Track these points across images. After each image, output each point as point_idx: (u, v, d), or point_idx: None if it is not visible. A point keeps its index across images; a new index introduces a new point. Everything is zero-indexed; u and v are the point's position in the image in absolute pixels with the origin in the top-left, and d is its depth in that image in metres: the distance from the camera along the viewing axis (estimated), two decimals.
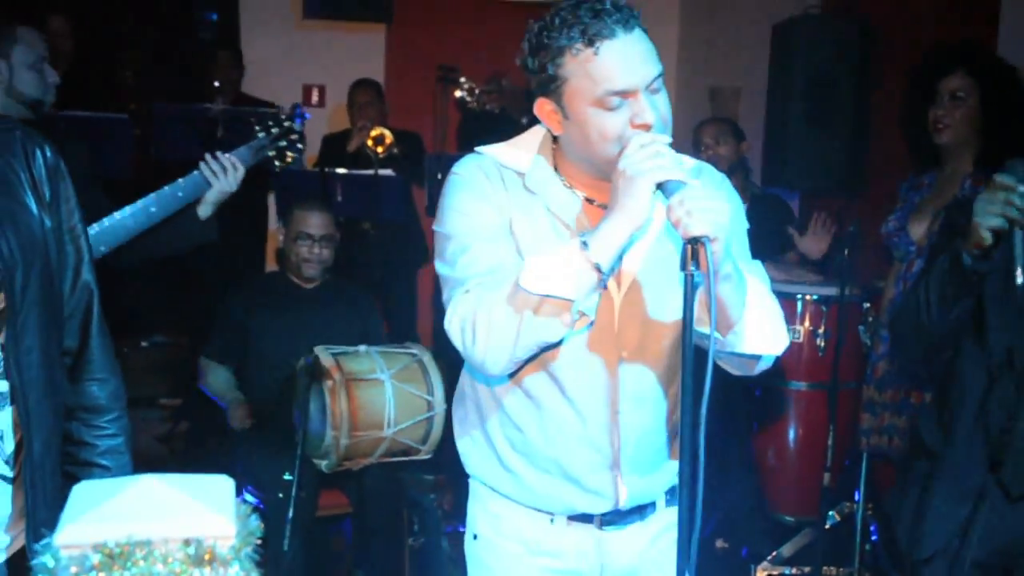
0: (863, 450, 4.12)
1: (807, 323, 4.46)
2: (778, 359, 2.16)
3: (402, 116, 6.52)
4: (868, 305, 4.42)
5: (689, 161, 2.14)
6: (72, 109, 4.59)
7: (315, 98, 7.47)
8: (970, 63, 3.73)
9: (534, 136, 2.16)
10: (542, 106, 2.05)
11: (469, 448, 2.29)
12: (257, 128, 3.62)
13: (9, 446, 1.81)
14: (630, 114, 1.94)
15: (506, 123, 5.65)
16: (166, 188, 3.28)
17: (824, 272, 4.80)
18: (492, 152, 2.15)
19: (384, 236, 5.90)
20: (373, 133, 5.79)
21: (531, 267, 1.92)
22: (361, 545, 4.19)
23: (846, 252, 4.22)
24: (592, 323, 2.00)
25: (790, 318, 4.47)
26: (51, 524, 1.81)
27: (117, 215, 3.17)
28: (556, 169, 2.12)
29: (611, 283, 2.08)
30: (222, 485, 1.18)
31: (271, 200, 6.30)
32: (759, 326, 2.01)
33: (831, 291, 4.40)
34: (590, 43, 1.93)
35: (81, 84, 3.59)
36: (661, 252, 2.10)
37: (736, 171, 4.98)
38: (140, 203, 3.21)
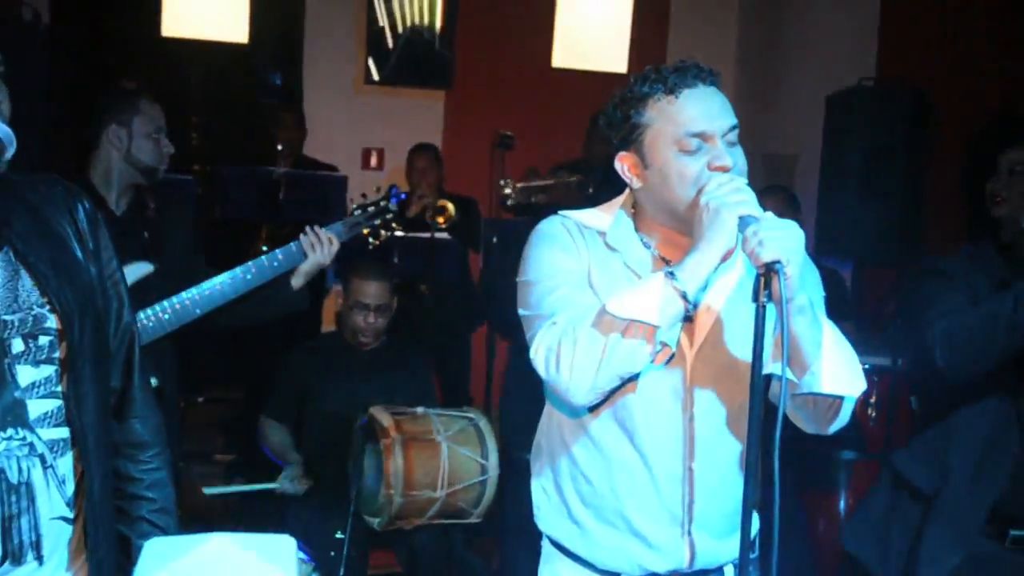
0: None
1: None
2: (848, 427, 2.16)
3: (459, 181, 6.61)
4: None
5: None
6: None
7: (374, 161, 7.59)
8: None
9: (615, 203, 2.24)
10: (622, 160, 2.14)
11: (542, 500, 2.32)
12: (354, 206, 3.71)
13: (70, 489, 1.90)
14: (708, 158, 2.03)
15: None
16: (263, 257, 3.38)
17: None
18: (574, 215, 2.24)
19: (440, 299, 5.97)
20: (437, 204, 5.88)
21: (618, 295, 1.99)
22: None
23: (899, 322, 4.22)
24: (671, 358, 2.05)
25: None
26: (110, 561, 1.92)
27: (216, 280, 3.29)
28: (636, 229, 2.19)
29: (683, 336, 2.11)
30: (285, 544, 1.23)
31: None
32: (836, 365, 2.00)
33: (884, 361, 4.39)
34: (671, 90, 2.05)
35: None
36: (739, 308, 2.13)
37: None
38: (239, 270, 3.32)
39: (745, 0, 8.02)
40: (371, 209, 3.73)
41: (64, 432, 1.89)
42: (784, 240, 1.85)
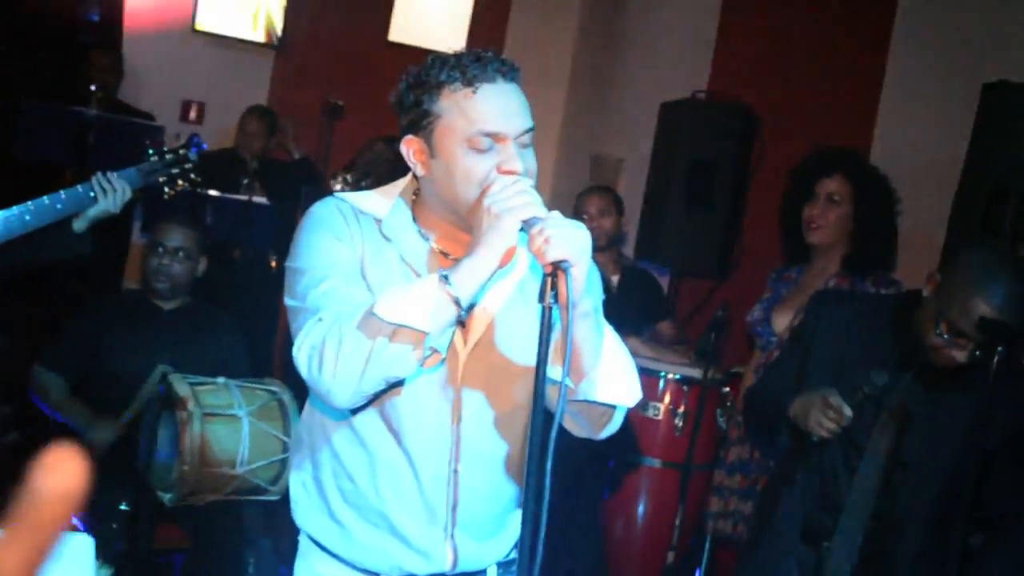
0: (708, 533, 4.17)
1: (667, 401, 4.51)
2: (627, 431, 2.14)
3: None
4: (728, 389, 4.49)
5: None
6: None
7: (193, 114, 7.27)
8: (849, 168, 3.87)
9: (395, 187, 2.15)
10: (409, 144, 2.03)
11: (300, 496, 2.21)
12: (150, 152, 3.50)
13: None
14: (498, 159, 1.94)
15: None
16: (45, 197, 3.13)
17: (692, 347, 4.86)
18: (351, 198, 2.13)
19: (251, 265, 5.75)
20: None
21: (387, 296, 1.88)
22: None
23: (712, 336, 4.27)
24: (442, 362, 1.96)
25: (651, 395, 4.51)
26: None
27: None
28: (415, 220, 2.10)
29: (458, 336, 2.05)
30: (82, 547, 1.08)
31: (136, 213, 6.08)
32: (614, 374, 1.97)
33: (694, 372, 4.44)
34: (469, 83, 1.95)
35: None
36: (517, 309, 2.08)
37: (615, 244, 5.02)
38: (15, 210, 3.06)
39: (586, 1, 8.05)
40: (169, 157, 3.56)
41: None
42: (572, 240, 1.79)
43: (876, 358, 2.86)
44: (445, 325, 1.87)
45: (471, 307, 1.97)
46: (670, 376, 4.52)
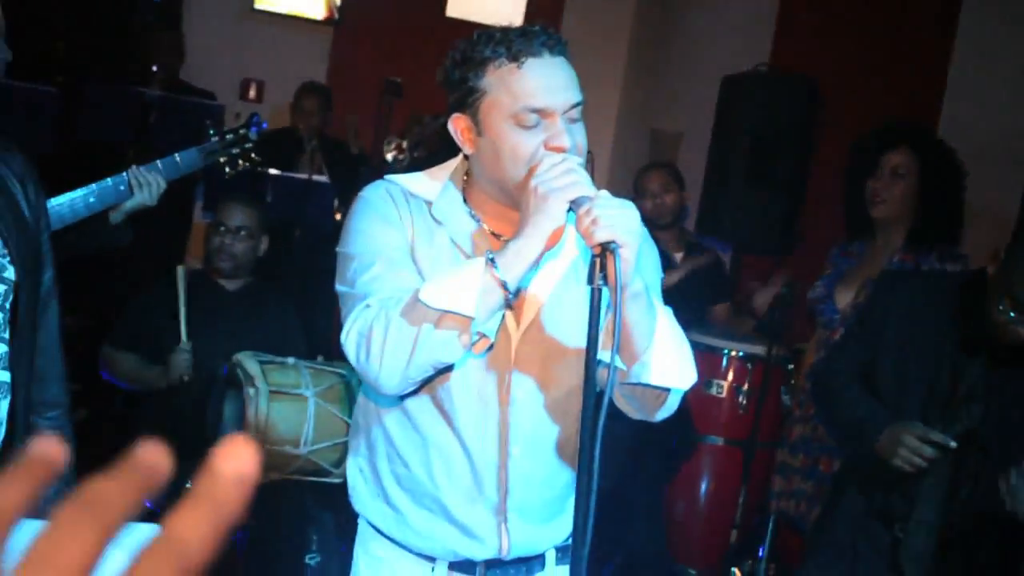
0: (772, 512, 4.13)
1: (731, 379, 4.47)
2: (684, 412, 2.12)
3: (341, 124, 6.40)
4: (792, 367, 4.44)
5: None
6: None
7: (253, 93, 7.32)
8: (915, 142, 3.79)
9: (446, 169, 2.12)
10: (457, 122, 2.00)
11: (357, 482, 2.21)
12: (211, 132, 3.52)
13: (1, 432, 1.91)
14: (545, 136, 1.90)
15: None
16: (79, 192, 3.15)
17: (757, 325, 4.81)
18: (402, 180, 2.10)
19: (312, 246, 5.77)
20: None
21: (433, 281, 1.86)
22: (256, 560, 4.05)
23: (776, 313, 4.23)
24: (491, 347, 1.94)
25: (714, 372, 4.47)
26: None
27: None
28: (465, 201, 2.07)
29: (509, 316, 2.01)
30: (151, 535, 1.07)
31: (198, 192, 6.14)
32: (667, 356, 1.93)
33: (758, 349, 4.40)
34: (515, 58, 1.90)
35: (13, 50, 3.46)
36: (569, 290, 2.05)
37: (678, 221, 4.97)
38: (52, 202, 3.09)
39: None
40: (229, 137, 3.58)
41: (6, 376, 1.90)
42: (620, 220, 1.75)
43: (945, 341, 2.82)
44: (492, 310, 1.85)
45: (519, 290, 1.94)
46: (733, 353, 4.48)
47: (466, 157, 2.07)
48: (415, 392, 2.02)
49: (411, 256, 2.01)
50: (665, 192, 4.89)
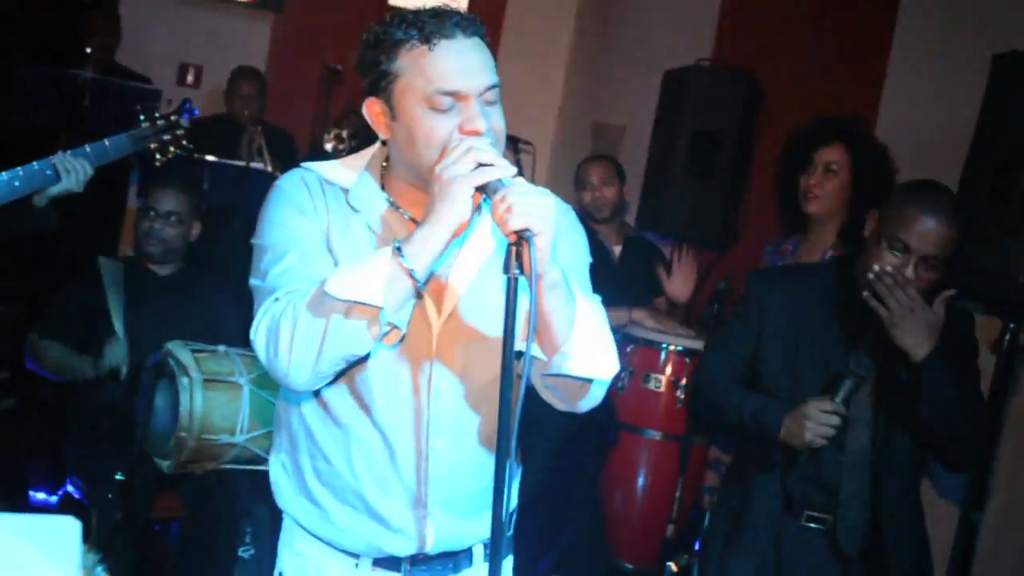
0: (706, 507, 4.15)
1: (669, 373, 4.47)
2: (609, 403, 2.11)
3: (280, 111, 6.32)
4: None
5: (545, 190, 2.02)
6: None
7: (191, 78, 7.20)
8: (848, 138, 3.81)
9: (363, 156, 2.08)
10: (371, 106, 1.96)
11: (280, 478, 2.16)
12: (142, 118, 3.45)
13: None
14: (460, 119, 1.87)
15: None
16: (3, 176, 3.08)
17: (690, 319, 4.82)
18: (318, 167, 2.06)
19: (249, 233, 5.68)
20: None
21: (340, 272, 1.82)
22: (189, 552, 3.99)
23: (715, 307, 4.23)
24: (403, 338, 1.91)
25: (653, 366, 4.47)
26: None
27: None
28: (383, 188, 2.04)
29: (431, 305, 1.99)
30: (68, 530, 1.03)
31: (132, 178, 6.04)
32: (588, 346, 1.91)
33: (696, 344, 4.40)
34: (427, 40, 1.86)
35: None
36: (491, 278, 2.01)
37: (617, 213, 4.97)
38: None
39: None
40: (161, 123, 3.53)
41: None
42: (535, 208, 1.71)
43: (828, 329, 2.93)
44: (401, 299, 1.82)
45: (431, 278, 1.91)
46: (672, 348, 4.48)
47: (383, 143, 2.04)
48: (334, 384, 1.98)
49: (327, 246, 1.97)
50: (604, 185, 4.88)
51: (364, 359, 1.93)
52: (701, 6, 6.30)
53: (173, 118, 3.61)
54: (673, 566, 4.54)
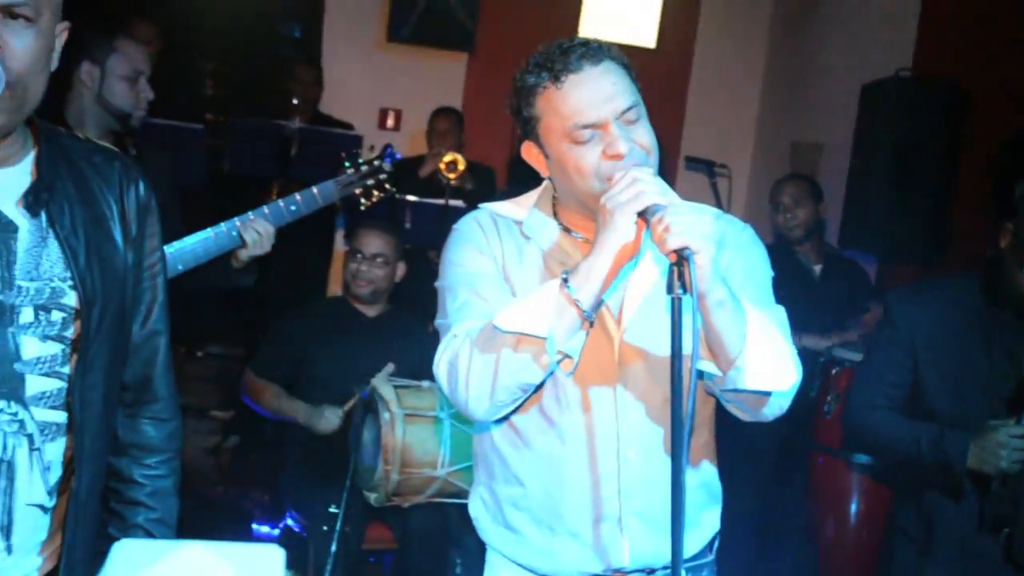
0: None
1: None
2: (795, 410, 2.08)
3: (479, 148, 6.45)
4: None
5: (708, 209, 2.04)
6: (150, 116, 4.60)
7: (391, 122, 7.44)
8: None
9: (533, 194, 2.16)
10: (528, 150, 2.05)
11: (479, 511, 2.22)
12: (347, 164, 3.60)
13: (55, 477, 1.75)
14: (603, 146, 1.92)
15: None
16: (198, 237, 3.24)
17: None
18: (491, 207, 2.16)
19: None
20: (447, 159, 5.71)
21: (509, 307, 1.90)
22: None
23: None
24: (576, 366, 1.95)
25: None
26: (85, 564, 1.76)
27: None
28: (556, 215, 2.11)
29: (610, 321, 2.04)
30: (271, 559, 1.09)
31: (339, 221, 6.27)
32: (762, 360, 1.91)
33: None
34: (556, 79, 1.94)
35: (160, 90, 3.61)
36: (663, 296, 2.01)
37: (813, 233, 4.85)
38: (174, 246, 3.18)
39: None
40: (364, 168, 3.64)
41: (61, 416, 1.74)
42: (692, 226, 1.73)
43: (985, 344, 2.82)
44: (569, 329, 1.87)
45: (599, 306, 1.93)
46: None
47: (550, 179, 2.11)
48: (523, 408, 2.04)
49: (504, 278, 2.05)
50: (797, 205, 4.79)
51: (551, 382, 1.99)
52: (900, 15, 6.10)
53: (376, 163, 3.72)
54: None
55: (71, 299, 1.72)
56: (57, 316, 1.71)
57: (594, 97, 1.92)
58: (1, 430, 1.67)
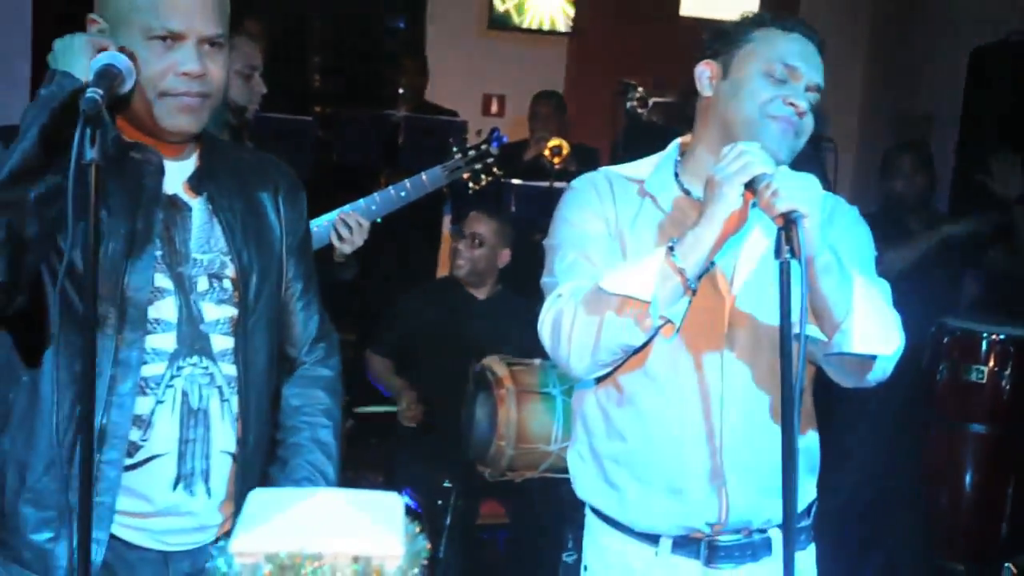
0: None
1: (992, 363, 4.27)
2: (907, 379, 2.09)
3: (581, 130, 6.50)
4: None
5: (816, 181, 2.05)
6: (262, 110, 4.74)
7: (495, 108, 7.53)
8: None
9: (656, 157, 2.22)
10: (706, 66, 2.14)
11: (578, 468, 2.25)
12: (455, 150, 3.67)
13: (240, 426, 1.99)
14: (786, 92, 2.04)
15: (671, 135, 5.56)
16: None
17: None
18: (610, 168, 2.23)
19: None
20: (551, 144, 5.78)
21: (616, 270, 1.97)
22: (515, 557, 4.18)
23: None
24: (678, 331, 2.01)
25: (974, 357, 4.29)
26: None
27: None
28: (677, 175, 2.17)
29: (723, 285, 2.09)
30: (392, 503, 1.19)
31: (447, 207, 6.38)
32: (868, 324, 1.94)
33: (1019, 331, 4.19)
34: (785, 27, 2.11)
35: (270, 85, 3.75)
36: (771, 264, 2.01)
37: (926, 203, 4.79)
38: None
39: None
40: (471, 153, 3.71)
41: (234, 370, 1.99)
42: (799, 191, 1.79)
43: None
44: (672, 296, 1.93)
45: (707, 272, 1.98)
46: (994, 337, 4.29)
47: (689, 125, 2.20)
48: (627, 367, 2.09)
49: (618, 238, 2.11)
50: (915, 173, 4.72)
51: (654, 339, 2.04)
52: None
53: (483, 147, 3.77)
54: (1012, 567, 4.32)
55: (231, 271, 2.00)
56: (228, 284, 1.99)
57: (807, 56, 2.08)
58: (196, 382, 1.94)
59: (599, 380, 2.15)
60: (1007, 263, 4.52)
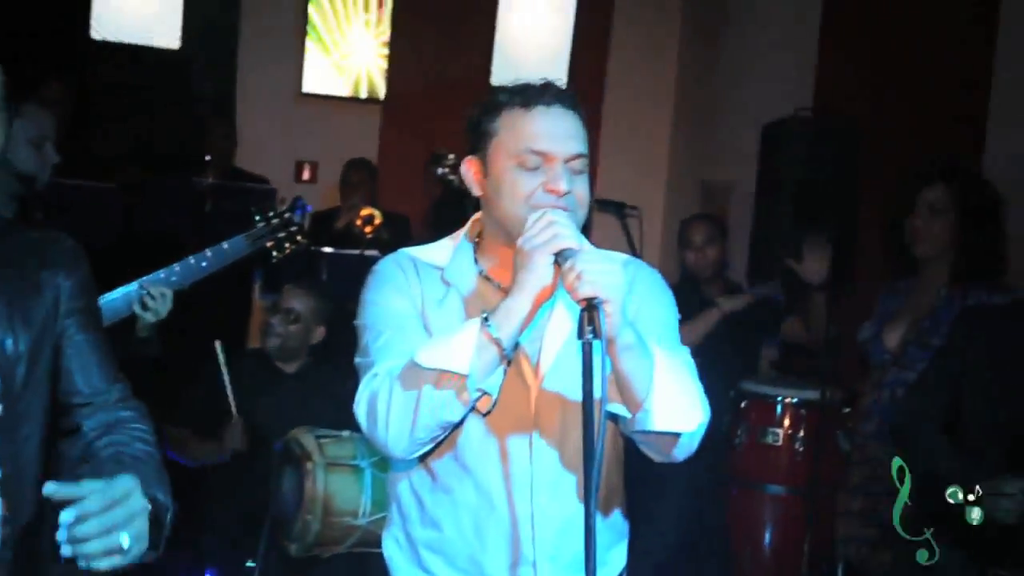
0: (838, 559, 4.08)
1: (786, 426, 4.44)
2: (707, 443, 2.14)
3: (395, 195, 6.53)
4: (848, 410, 4.40)
5: (618, 256, 2.13)
6: (62, 175, 4.59)
7: (307, 174, 7.49)
8: (950, 177, 3.77)
9: (455, 236, 2.23)
10: (469, 165, 2.12)
11: (393, 552, 2.24)
12: (257, 218, 3.62)
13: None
14: (546, 179, 2.00)
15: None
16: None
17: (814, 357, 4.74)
18: (412, 251, 2.21)
19: None
20: (363, 212, 5.77)
21: (430, 344, 1.96)
22: None
23: (829, 357, 4.22)
24: (495, 404, 2.01)
25: (770, 420, 4.45)
26: None
27: None
28: (477, 259, 2.18)
29: (528, 371, 2.10)
30: None
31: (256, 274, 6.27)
32: (669, 402, 1.98)
33: (811, 395, 4.38)
34: (526, 104, 2.04)
35: (72, 150, 3.62)
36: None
37: (721, 272, 4.96)
38: None
39: (686, 26, 8.03)
40: (275, 221, 3.67)
41: None
42: (603, 276, 1.81)
43: None
44: (489, 367, 1.93)
45: (518, 347, 2.01)
46: (787, 400, 4.47)
47: (475, 219, 2.18)
48: (438, 452, 2.08)
49: (423, 322, 2.10)
50: (708, 245, 4.87)
51: (464, 425, 2.04)
52: (799, 54, 6.31)
53: (287, 215, 3.75)
54: None
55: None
56: None
57: (556, 131, 2.03)
58: None
59: (413, 465, 2.14)
60: (799, 337, 4.71)
